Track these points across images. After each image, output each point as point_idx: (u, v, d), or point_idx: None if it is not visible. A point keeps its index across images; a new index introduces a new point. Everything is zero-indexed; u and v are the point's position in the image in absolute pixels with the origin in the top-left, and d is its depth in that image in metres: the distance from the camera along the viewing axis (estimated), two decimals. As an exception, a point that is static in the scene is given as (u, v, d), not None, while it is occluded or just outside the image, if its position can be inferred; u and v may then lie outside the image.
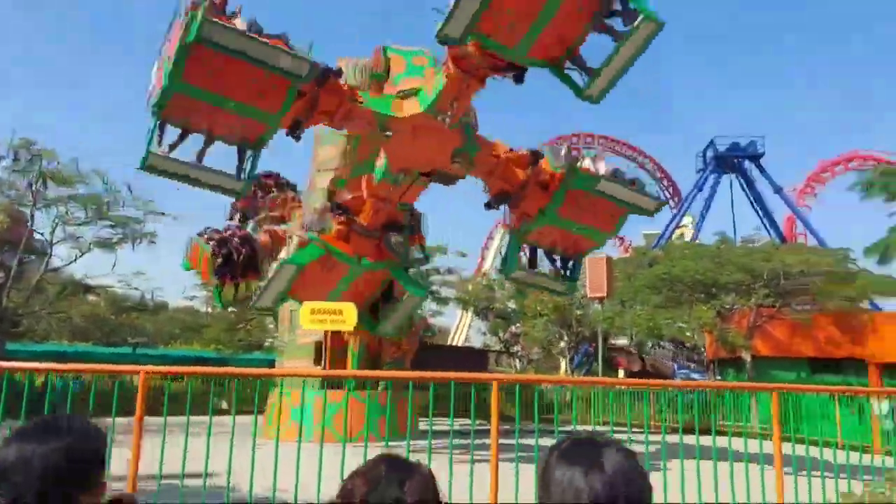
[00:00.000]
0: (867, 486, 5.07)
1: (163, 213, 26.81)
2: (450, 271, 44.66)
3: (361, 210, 15.44)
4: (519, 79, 12.26)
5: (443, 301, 46.34)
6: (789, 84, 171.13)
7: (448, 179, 15.08)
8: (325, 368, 18.29)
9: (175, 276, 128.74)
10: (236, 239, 18.43)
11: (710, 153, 48.54)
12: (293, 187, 22.02)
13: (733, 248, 26.49)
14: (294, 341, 21.05)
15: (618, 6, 10.93)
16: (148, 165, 11.73)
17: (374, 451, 4.85)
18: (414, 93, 13.47)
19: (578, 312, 30.36)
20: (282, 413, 8.40)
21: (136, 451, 4.62)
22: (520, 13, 10.50)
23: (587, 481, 1.36)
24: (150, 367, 5.32)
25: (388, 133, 13.40)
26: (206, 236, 18.97)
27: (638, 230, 46.22)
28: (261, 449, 5.10)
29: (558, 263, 15.90)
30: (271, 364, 27.32)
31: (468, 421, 5.54)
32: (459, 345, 52.72)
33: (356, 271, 15.20)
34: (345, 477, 1.56)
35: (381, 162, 14.45)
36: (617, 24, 11.07)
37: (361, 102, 13.20)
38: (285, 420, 14.13)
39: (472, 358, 45.74)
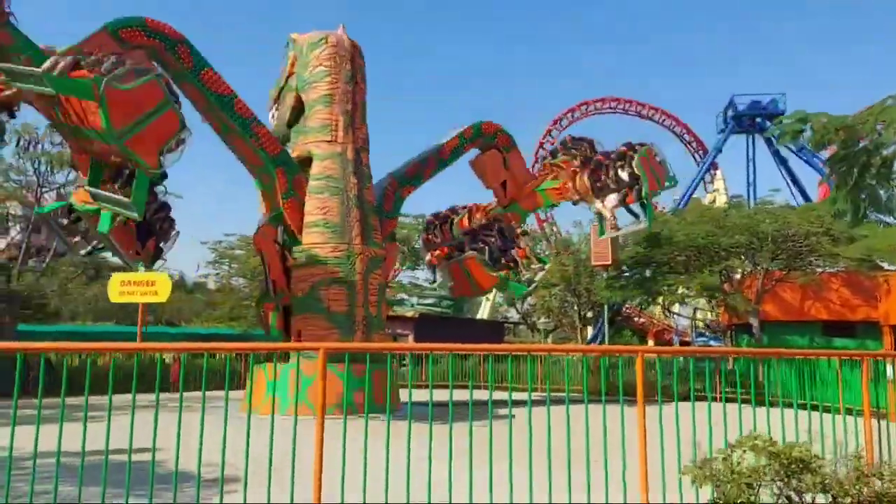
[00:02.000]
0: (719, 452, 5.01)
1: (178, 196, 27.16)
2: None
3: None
4: None
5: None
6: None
7: None
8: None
9: (188, 254, 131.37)
10: None
11: (730, 113, 46.72)
12: None
13: (739, 211, 25.86)
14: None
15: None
16: None
17: (351, 423, 4.93)
18: None
19: (586, 281, 30.16)
20: (257, 387, 8.64)
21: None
22: None
23: None
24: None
25: None
26: None
27: (669, 197, 44.37)
28: (235, 423, 5.21)
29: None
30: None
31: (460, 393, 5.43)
32: (485, 318, 52.48)
33: None
34: None
35: None
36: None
37: None
38: (261, 395, 14.82)
39: (489, 330, 45.80)
